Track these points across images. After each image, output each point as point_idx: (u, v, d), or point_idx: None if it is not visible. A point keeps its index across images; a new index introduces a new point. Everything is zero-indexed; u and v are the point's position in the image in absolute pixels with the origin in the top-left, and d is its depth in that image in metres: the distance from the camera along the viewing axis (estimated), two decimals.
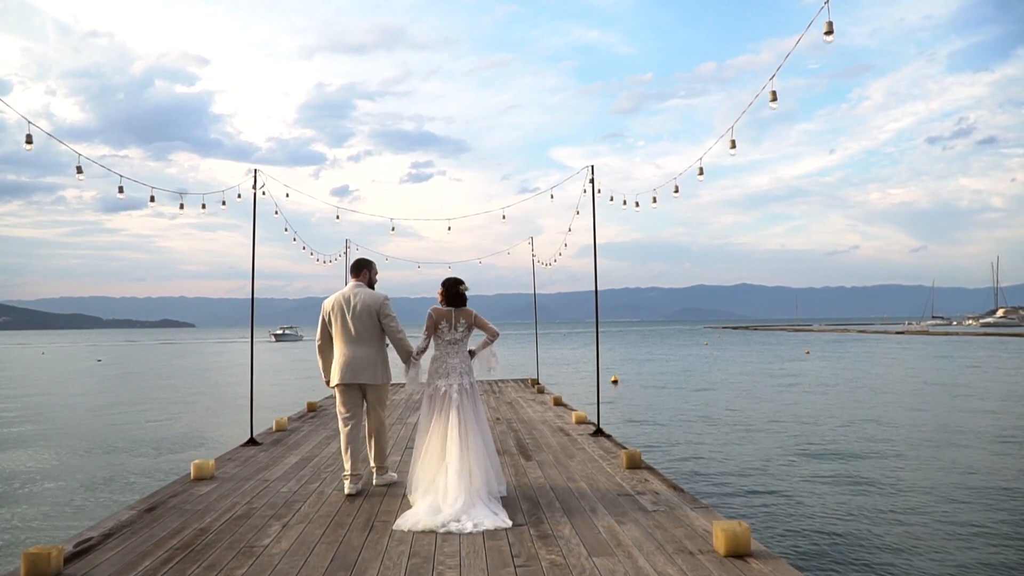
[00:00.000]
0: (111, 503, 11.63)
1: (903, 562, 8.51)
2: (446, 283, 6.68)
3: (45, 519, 10.99)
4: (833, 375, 35.64)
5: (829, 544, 9.17)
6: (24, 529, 10.43)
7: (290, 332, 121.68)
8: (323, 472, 7.86)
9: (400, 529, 5.56)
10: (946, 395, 26.08)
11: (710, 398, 26.43)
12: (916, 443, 16.30)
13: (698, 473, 13.41)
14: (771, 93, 6.95)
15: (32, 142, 7.63)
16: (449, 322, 6.58)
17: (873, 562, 8.52)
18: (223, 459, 8.72)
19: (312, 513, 6.15)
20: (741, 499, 11.50)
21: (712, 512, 5.89)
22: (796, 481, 12.65)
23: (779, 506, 11.00)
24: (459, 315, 6.60)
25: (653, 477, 7.24)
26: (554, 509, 6.10)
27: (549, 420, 11.63)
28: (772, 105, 6.96)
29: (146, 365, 58.31)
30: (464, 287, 6.68)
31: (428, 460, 6.24)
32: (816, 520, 10.19)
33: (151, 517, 6.07)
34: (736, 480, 12.82)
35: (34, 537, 9.78)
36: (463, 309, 6.64)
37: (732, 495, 11.77)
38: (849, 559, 8.63)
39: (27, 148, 7.64)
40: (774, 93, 6.94)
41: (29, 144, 7.62)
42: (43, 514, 11.29)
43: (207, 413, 24.41)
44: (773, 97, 6.95)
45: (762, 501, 11.35)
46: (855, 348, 64.11)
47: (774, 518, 10.32)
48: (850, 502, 11.13)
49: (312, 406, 13.71)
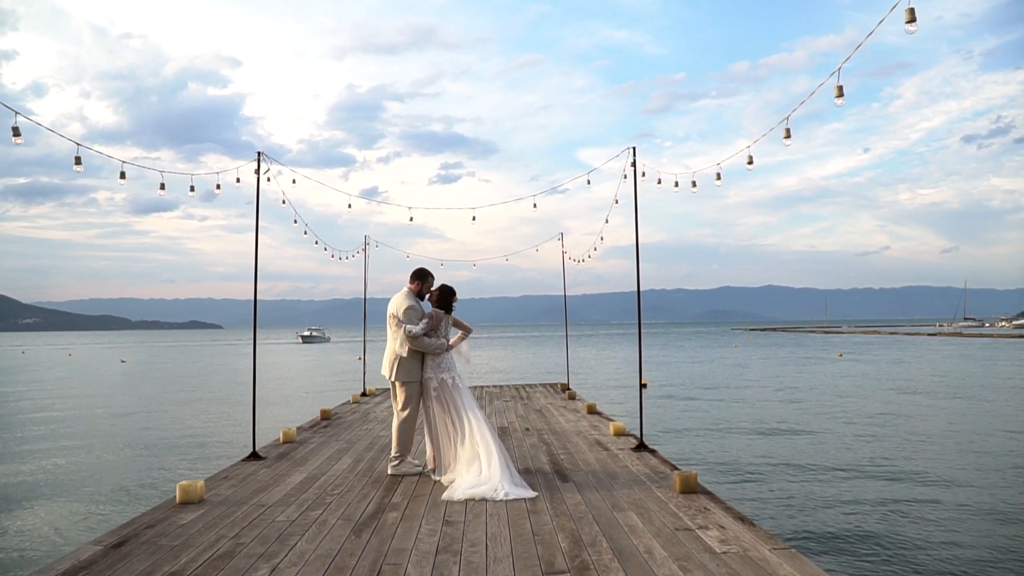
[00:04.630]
0: (93, 526, 10.62)
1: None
2: (445, 290, 7.79)
3: (28, 539, 10.07)
4: (875, 377, 34.13)
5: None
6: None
7: (317, 334, 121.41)
8: (329, 495, 6.82)
9: (451, 499, 6.50)
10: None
11: (751, 404, 25.12)
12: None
13: (762, 499, 11.59)
14: (836, 88, 6.27)
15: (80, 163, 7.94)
16: (446, 323, 7.69)
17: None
18: (218, 477, 7.72)
19: (309, 552, 5.11)
20: (816, 532, 9.73)
21: (799, 558, 4.75)
22: (886, 511, 10.86)
23: (880, 546, 9.22)
24: (449, 319, 7.73)
25: (714, 505, 6.12)
26: (601, 550, 5.01)
27: (584, 431, 10.53)
28: (838, 101, 6.29)
29: (170, 367, 57.88)
30: (456, 299, 7.84)
31: (456, 442, 7.20)
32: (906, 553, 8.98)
33: (117, 555, 5.06)
34: (805, 508, 11.02)
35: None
36: (451, 315, 7.78)
37: (806, 528, 9.94)
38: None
39: (77, 169, 7.98)
40: (840, 88, 6.25)
41: (79, 165, 7.97)
42: (25, 532, 10.37)
43: (220, 418, 23.52)
44: (839, 93, 6.26)
45: (853, 541, 9.44)
46: (892, 351, 62.21)
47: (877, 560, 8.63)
48: (947, 528, 9.89)
49: (326, 414, 12.66)
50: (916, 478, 12.83)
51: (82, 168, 7.93)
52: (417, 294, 7.74)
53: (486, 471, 6.79)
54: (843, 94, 5.97)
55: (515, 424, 11.43)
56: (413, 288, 7.75)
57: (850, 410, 22.78)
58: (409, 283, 7.79)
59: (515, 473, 7.00)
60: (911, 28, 5.14)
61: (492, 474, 6.74)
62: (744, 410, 23.33)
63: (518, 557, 4.90)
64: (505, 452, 7.13)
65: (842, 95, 5.95)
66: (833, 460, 14.61)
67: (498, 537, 5.37)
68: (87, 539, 6.31)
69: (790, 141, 7.22)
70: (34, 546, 9.64)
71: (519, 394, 16.32)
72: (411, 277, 7.82)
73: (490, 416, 12.39)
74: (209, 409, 26.09)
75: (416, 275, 7.81)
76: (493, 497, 6.50)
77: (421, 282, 7.77)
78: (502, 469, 6.80)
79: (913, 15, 5.09)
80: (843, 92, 5.98)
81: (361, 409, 13.87)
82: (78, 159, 7.81)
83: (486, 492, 6.58)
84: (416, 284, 7.76)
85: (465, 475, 6.91)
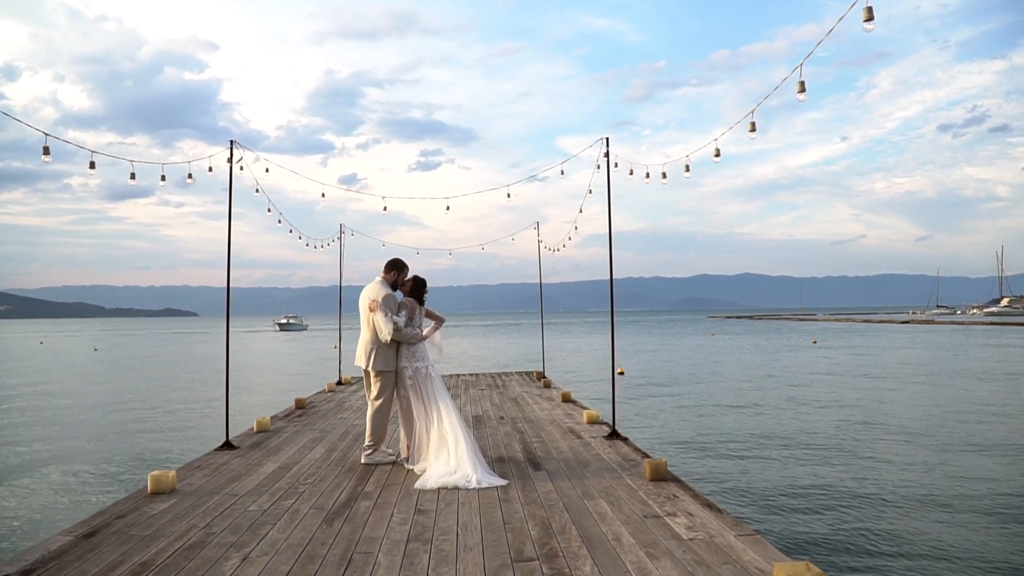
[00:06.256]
0: (64, 517, 10.53)
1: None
2: (419, 281, 7.84)
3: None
4: (846, 364, 34.57)
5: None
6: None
7: (294, 322, 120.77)
8: (302, 484, 6.84)
9: (424, 488, 6.54)
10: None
11: (725, 391, 25.38)
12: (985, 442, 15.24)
13: (729, 485, 11.73)
14: (799, 84, 6.30)
15: (48, 153, 7.70)
16: (419, 313, 7.76)
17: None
18: (190, 467, 7.71)
19: (280, 541, 5.13)
20: (782, 519, 9.86)
21: (763, 544, 4.84)
22: (848, 495, 11.13)
23: (838, 531, 9.45)
24: (422, 309, 7.82)
25: (683, 492, 6.21)
26: (570, 537, 5.08)
27: (558, 419, 10.60)
28: (800, 96, 6.31)
29: (144, 355, 57.35)
30: (427, 292, 7.91)
31: (429, 431, 7.21)
32: (878, 542, 9.15)
33: (87, 546, 5.06)
34: (773, 493, 11.20)
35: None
36: (424, 306, 7.86)
37: (773, 514, 10.09)
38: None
39: (45, 159, 7.76)
40: (802, 84, 6.29)
41: (47, 156, 7.72)
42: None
43: (194, 407, 23.39)
44: (801, 88, 6.30)
45: (813, 525, 9.66)
46: (865, 338, 62.99)
47: (833, 547, 8.75)
48: (929, 520, 10.08)
49: (300, 403, 12.63)
50: (883, 463, 13.05)
51: (50, 159, 7.82)
52: (392, 284, 7.76)
53: (454, 460, 6.84)
54: (804, 89, 6.03)
55: (490, 413, 11.47)
56: (388, 278, 7.77)
57: (821, 396, 23.08)
58: (384, 272, 7.81)
59: (483, 462, 7.07)
60: (868, 27, 5.22)
61: (462, 462, 6.80)
62: (718, 397, 23.56)
63: (488, 545, 4.95)
64: (474, 441, 7.19)
65: (804, 91, 6.02)
66: (803, 446, 14.83)
67: (469, 525, 5.42)
68: (57, 530, 6.28)
69: (755, 135, 7.28)
70: (2, 537, 9.58)
71: (495, 382, 16.37)
72: (386, 267, 7.83)
73: (465, 405, 12.43)
74: (183, 398, 25.92)
75: (392, 265, 7.84)
76: (466, 485, 6.57)
77: (397, 272, 7.82)
78: (471, 458, 6.85)
79: (871, 13, 5.15)
80: (804, 88, 6.04)
81: (336, 398, 13.86)
82: (46, 149, 7.65)
83: (458, 480, 6.64)
84: (392, 274, 7.79)
85: (435, 463, 6.96)
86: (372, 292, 7.63)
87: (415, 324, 7.70)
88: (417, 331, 7.70)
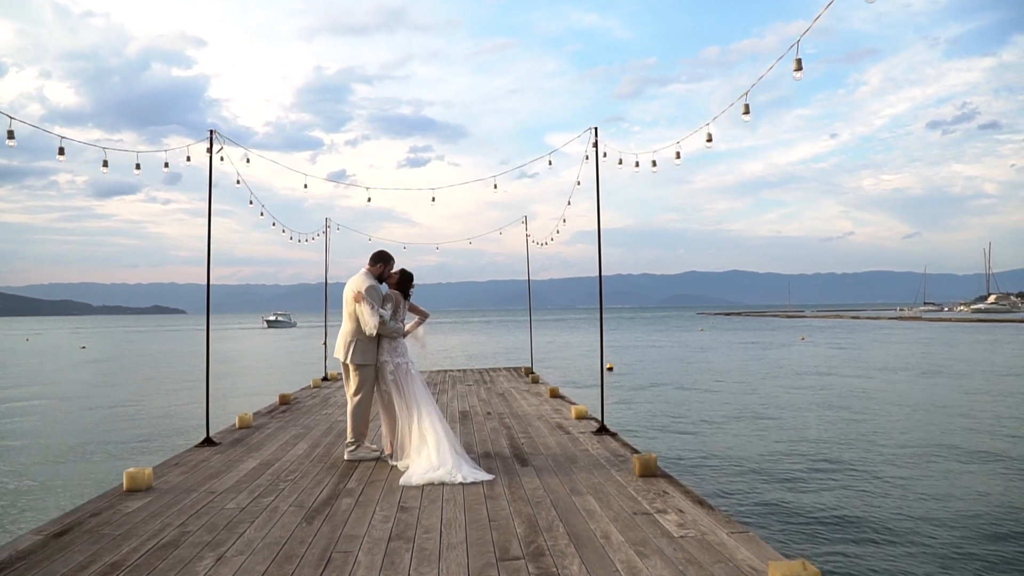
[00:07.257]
0: (37, 515, 10.29)
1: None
2: (406, 275, 7.69)
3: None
4: (834, 360, 34.57)
5: None
6: None
7: (283, 318, 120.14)
8: (282, 481, 6.65)
9: (408, 484, 6.39)
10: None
11: (714, 387, 25.29)
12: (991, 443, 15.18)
13: (721, 481, 11.59)
14: (796, 61, 6.06)
15: (13, 137, 7.23)
16: (403, 307, 7.61)
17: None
18: (168, 464, 7.51)
19: (257, 540, 4.95)
20: (776, 516, 9.69)
21: (757, 542, 4.70)
22: (843, 491, 10.98)
23: (833, 528, 9.24)
24: (406, 303, 7.65)
25: (673, 489, 6.06)
26: (557, 535, 4.92)
27: (546, 415, 10.45)
28: (796, 75, 6.10)
29: (131, 352, 56.89)
30: (414, 286, 7.77)
31: (410, 427, 7.03)
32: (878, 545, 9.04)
33: (57, 545, 4.87)
34: (766, 490, 11.05)
35: None
36: (408, 300, 7.70)
37: (766, 511, 9.91)
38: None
39: (10, 143, 7.29)
40: (799, 61, 6.06)
41: (12, 140, 7.26)
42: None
43: (178, 404, 23.11)
44: (798, 66, 6.06)
45: (808, 523, 9.48)
46: (853, 335, 63.13)
47: (829, 545, 8.64)
48: (916, 511, 9.98)
49: (285, 399, 12.42)
50: (873, 458, 12.97)
51: (15, 143, 7.56)
52: (377, 277, 7.62)
53: (435, 457, 6.70)
54: (802, 67, 5.88)
55: (477, 408, 11.31)
56: (374, 270, 7.63)
57: (809, 392, 23.03)
58: (369, 264, 7.67)
59: (467, 458, 6.98)
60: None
61: (443, 459, 6.67)
62: (706, 393, 23.48)
63: (472, 543, 4.79)
64: (453, 438, 7.06)
65: (800, 68, 5.86)
66: (792, 442, 14.73)
67: (453, 523, 5.26)
68: (29, 529, 6.08)
69: (748, 117, 7.09)
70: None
71: (482, 378, 16.21)
72: (372, 259, 7.69)
73: (452, 400, 12.27)
74: (167, 395, 25.64)
75: (378, 257, 7.71)
76: (451, 481, 6.44)
77: (384, 265, 7.69)
78: (452, 454, 6.74)
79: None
80: (802, 65, 5.89)
81: (321, 394, 13.67)
82: (10, 133, 7.39)
83: (443, 476, 6.49)
84: (378, 267, 7.66)
85: (417, 460, 6.82)
86: (357, 284, 7.45)
87: (398, 318, 7.55)
88: (400, 325, 7.54)
